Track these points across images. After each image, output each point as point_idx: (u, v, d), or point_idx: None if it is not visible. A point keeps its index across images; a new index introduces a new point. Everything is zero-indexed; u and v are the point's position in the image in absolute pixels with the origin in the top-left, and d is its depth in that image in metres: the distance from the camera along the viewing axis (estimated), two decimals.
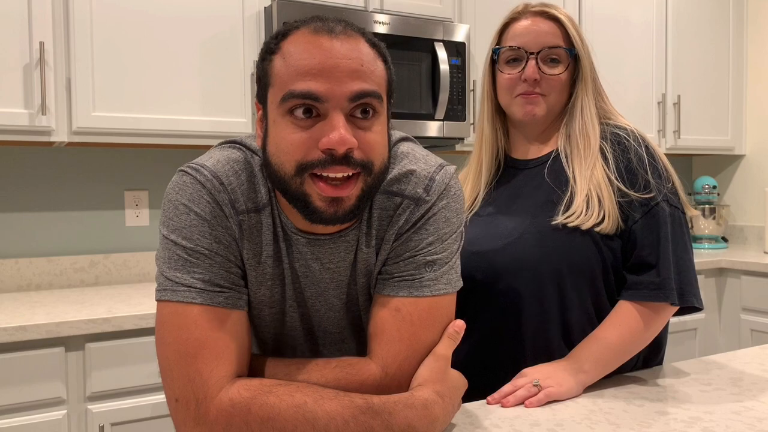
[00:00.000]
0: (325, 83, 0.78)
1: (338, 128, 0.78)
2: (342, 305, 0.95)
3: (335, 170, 0.79)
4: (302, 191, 0.81)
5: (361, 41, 0.82)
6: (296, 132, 0.80)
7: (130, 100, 2.07)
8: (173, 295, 0.82)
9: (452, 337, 0.90)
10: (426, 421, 0.81)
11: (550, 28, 1.24)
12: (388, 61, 0.87)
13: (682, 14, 3.27)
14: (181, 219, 0.84)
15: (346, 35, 0.81)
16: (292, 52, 0.81)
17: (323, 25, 0.81)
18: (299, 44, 0.81)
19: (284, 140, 0.81)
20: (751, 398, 1.05)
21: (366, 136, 0.81)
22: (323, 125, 0.79)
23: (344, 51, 0.80)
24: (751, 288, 2.92)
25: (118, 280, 2.39)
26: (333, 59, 0.79)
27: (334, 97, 0.79)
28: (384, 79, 0.85)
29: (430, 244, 0.90)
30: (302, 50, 0.80)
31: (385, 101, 0.85)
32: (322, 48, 0.79)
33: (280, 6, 2.16)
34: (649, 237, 1.15)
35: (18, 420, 1.67)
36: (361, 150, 0.80)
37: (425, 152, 0.96)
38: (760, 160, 3.50)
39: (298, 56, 0.80)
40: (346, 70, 0.79)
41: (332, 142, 0.78)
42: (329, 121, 0.79)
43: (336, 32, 0.81)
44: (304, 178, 0.80)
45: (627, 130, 1.22)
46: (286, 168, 0.81)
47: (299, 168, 0.80)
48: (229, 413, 0.77)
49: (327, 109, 0.79)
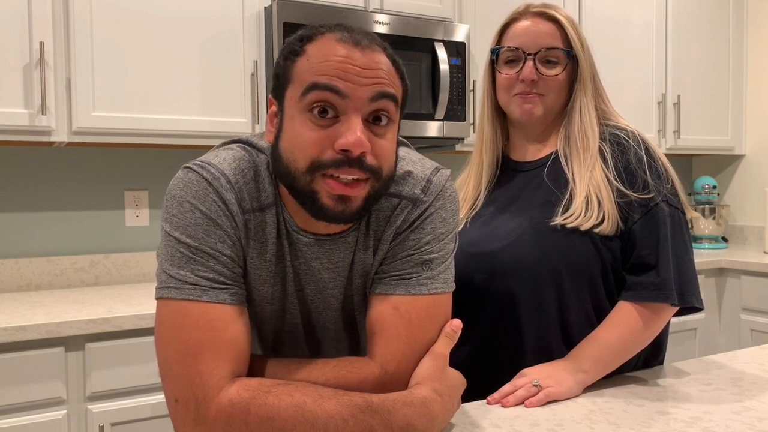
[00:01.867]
0: (348, 83, 0.80)
1: (355, 130, 0.79)
2: (338, 304, 0.96)
3: (347, 172, 0.80)
4: (311, 188, 0.82)
5: (383, 56, 0.85)
6: (312, 129, 0.81)
7: (130, 100, 2.07)
8: (177, 293, 0.82)
9: (450, 336, 0.90)
10: (425, 419, 0.81)
11: (549, 29, 1.24)
12: (405, 80, 0.89)
13: (682, 14, 3.27)
14: (186, 216, 0.84)
15: (371, 49, 0.83)
16: (317, 54, 0.82)
17: (350, 36, 0.83)
18: (325, 48, 0.82)
19: (300, 136, 0.81)
20: (751, 398, 1.05)
21: (379, 142, 0.83)
22: (340, 126, 0.80)
23: (368, 61, 0.82)
24: (751, 288, 2.92)
25: (118, 280, 2.39)
26: (357, 65, 0.81)
27: (355, 95, 0.80)
28: (400, 91, 0.87)
29: (427, 243, 0.90)
30: (328, 54, 0.82)
31: (398, 113, 0.87)
32: (347, 54, 0.81)
33: (280, 6, 2.16)
34: (649, 237, 1.15)
35: (18, 420, 1.67)
36: (373, 155, 0.82)
37: (420, 156, 0.98)
38: (760, 160, 3.50)
39: (323, 57, 0.82)
40: (369, 75, 0.82)
41: (349, 144, 0.79)
42: (347, 122, 0.80)
43: (362, 44, 0.83)
44: (315, 176, 0.81)
45: (626, 131, 1.22)
46: (299, 164, 0.81)
47: (312, 166, 0.81)
48: (229, 413, 0.77)
49: (346, 109, 0.80)
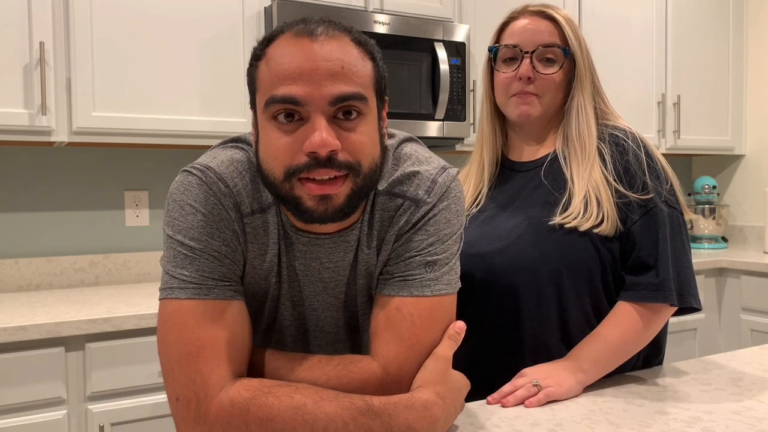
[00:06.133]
0: (305, 87, 0.78)
1: (320, 130, 0.78)
2: (340, 305, 0.95)
3: (320, 173, 0.79)
4: (293, 194, 0.81)
5: (345, 40, 0.82)
6: (281, 137, 0.80)
7: (130, 100, 2.07)
8: (179, 293, 0.82)
9: (453, 338, 0.90)
10: (426, 422, 0.80)
11: (546, 27, 1.24)
12: (377, 59, 0.86)
13: (682, 14, 3.27)
14: (188, 219, 0.84)
15: (327, 36, 0.81)
16: (274, 56, 0.81)
17: (305, 27, 0.81)
18: (281, 48, 0.81)
19: (271, 145, 0.81)
20: (751, 398, 1.05)
21: (350, 137, 0.81)
22: (306, 128, 0.79)
23: (324, 53, 0.79)
24: (751, 288, 2.92)
25: (118, 280, 2.39)
26: (312, 62, 0.79)
27: (313, 100, 0.79)
28: (371, 78, 0.84)
29: (430, 244, 0.90)
30: (283, 54, 0.80)
31: (373, 101, 0.84)
32: (302, 51, 0.79)
33: (280, 6, 2.16)
34: (648, 238, 1.15)
35: (18, 420, 1.67)
36: (346, 151, 0.80)
37: (429, 153, 0.96)
38: (760, 160, 3.50)
39: (279, 61, 0.80)
40: (326, 73, 0.79)
41: (314, 145, 0.78)
42: (311, 125, 0.79)
43: (316, 34, 0.80)
44: (294, 182, 0.81)
45: (626, 132, 1.22)
46: (276, 173, 0.81)
47: (288, 173, 0.80)
48: (229, 413, 0.77)
49: (308, 113, 0.79)
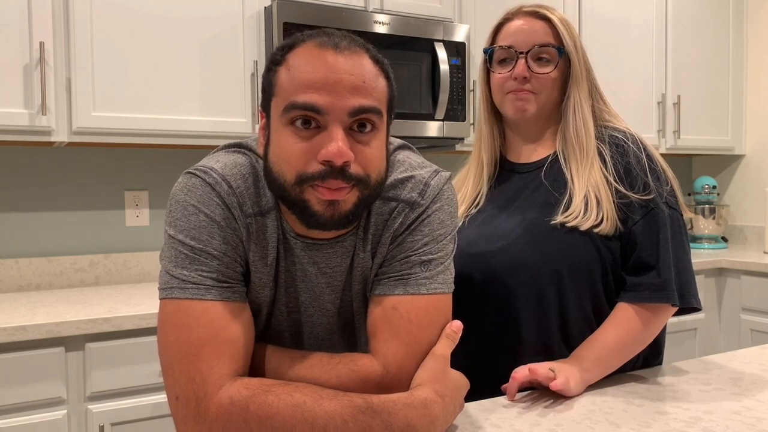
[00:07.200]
0: (327, 97, 0.80)
1: (336, 140, 0.79)
2: (335, 310, 0.96)
3: (332, 184, 0.80)
4: (301, 198, 0.82)
5: (364, 57, 0.84)
6: (297, 142, 0.81)
7: (130, 100, 2.07)
8: (179, 293, 0.83)
9: (450, 337, 0.90)
10: (426, 420, 0.81)
11: (541, 27, 1.24)
12: (391, 78, 0.88)
13: (682, 14, 3.27)
14: (190, 220, 0.85)
15: (350, 51, 0.83)
16: (296, 64, 0.82)
17: (329, 39, 0.83)
18: (304, 57, 0.82)
19: (285, 150, 0.82)
20: (751, 398, 1.05)
21: (364, 150, 0.82)
22: (322, 137, 0.80)
23: (347, 67, 0.81)
24: (751, 288, 2.92)
25: (118, 280, 2.39)
26: (336, 74, 0.81)
27: (334, 110, 0.80)
28: (385, 95, 0.86)
29: (425, 244, 0.91)
30: (306, 63, 0.82)
31: (384, 117, 0.86)
32: (326, 62, 0.81)
33: (280, 6, 2.16)
34: (649, 238, 1.15)
35: (18, 420, 1.67)
36: (358, 164, 0.82)
37: (421, 159, 0.98)
38: (760, 160, 3.50)
39: (302, 69, 0.81)
40: (348, 85, 0.81)
41: (330, 154, 0.79)
42: (328, 133, 0.80)
43: (341, 48, 0.82)
44: (304, 187, 0.82)
45: (626, 133, 1.22)
46: (287, 177, 0.82)
47: (299, 179, 0.81)
48: (229, 411, 0.77)
49: (327, 122, 0.80)
